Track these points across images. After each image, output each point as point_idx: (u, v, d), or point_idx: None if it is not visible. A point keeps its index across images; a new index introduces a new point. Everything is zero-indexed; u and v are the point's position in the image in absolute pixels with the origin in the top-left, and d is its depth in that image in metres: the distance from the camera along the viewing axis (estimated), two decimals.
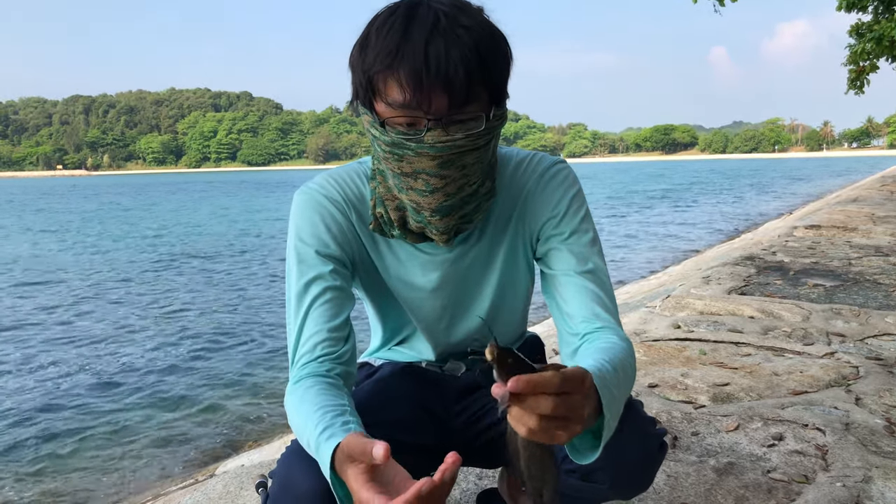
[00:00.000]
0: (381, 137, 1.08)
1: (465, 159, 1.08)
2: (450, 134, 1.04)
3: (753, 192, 29.40)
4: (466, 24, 1.02)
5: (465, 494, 1.92)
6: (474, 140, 1.07)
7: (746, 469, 2.02)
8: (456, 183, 1.10)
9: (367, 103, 1.09)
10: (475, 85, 1.03)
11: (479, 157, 1.10)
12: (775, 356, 3.21)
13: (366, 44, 1.06)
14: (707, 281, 5.22)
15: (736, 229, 14.81)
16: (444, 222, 1.15)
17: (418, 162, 1.07)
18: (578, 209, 1.25)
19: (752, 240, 8.98)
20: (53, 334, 7.33)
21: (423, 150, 1.05)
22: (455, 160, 1.07)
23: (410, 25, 1.01)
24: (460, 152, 1.07)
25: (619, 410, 0.96)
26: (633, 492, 1.20)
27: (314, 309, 1.18)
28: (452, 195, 1.11)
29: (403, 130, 1.06)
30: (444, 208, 1.12)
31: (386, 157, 1.10)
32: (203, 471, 3.71)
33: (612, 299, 1.22)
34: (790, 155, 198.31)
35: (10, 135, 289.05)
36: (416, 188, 1.10)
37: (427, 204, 1.12)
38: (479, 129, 1.06)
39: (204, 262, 13.29)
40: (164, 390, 5.34)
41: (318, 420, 1.00)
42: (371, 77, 1.05)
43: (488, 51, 1.04)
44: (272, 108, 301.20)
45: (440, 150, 1.05)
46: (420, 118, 1.04)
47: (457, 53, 1.00)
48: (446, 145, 1.05)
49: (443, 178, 1.08)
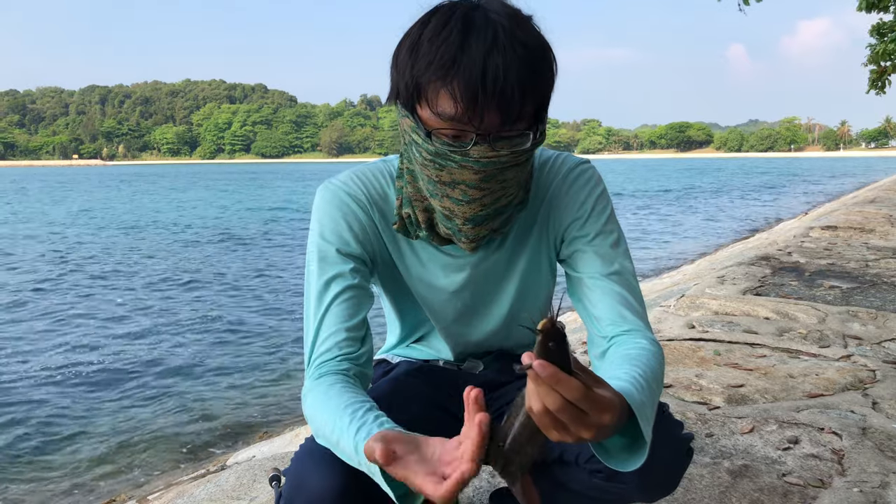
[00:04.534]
0: (423, 145, 1.06)
1: (507, 174, 1.08)
2: (496, 150, 1.03)
3: (768, 192, 29.19)
4: (523, 39, 1.01)
5: (479, 492, 1.92)
6: (517, 157, 1.06)
7: (761, 472, 2.00)
8: (494, 195, 1.10)
9: (410, 107, 1.07)
10: (527, 103, 1.02)
11: (519, 171, 1.10)
12: (791, 358, 3.18)
13: (416, 48, 1.03)
14: (722, 281, 5.18)
15: (750, 229, 14.71)
16: (476, 231, 1.14)
17: (459, 174, 1.06)
18: (603, 210, 1.24)
19: (767, 240, 8.91)
20: (65, 321, 7.39)
21: (467, 163, 1.04)
22: (497, 174, 1.06)
23: (468, 36, 0.99)
24: (503, 168, 1.06)
25: (651, 420, 0.97)
26: (658, 495, 1.19)
27: (333, 307, 1.17)
28: (488, 206, 1.11)
29: (449, 142, 1.04)
30: (478, 218, 1.12)
31: (425, 164, 1.08)
32: (214, 461, 3.73)
33: (640, 300, 1.21)
34: (806, 154, 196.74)
35: (27, 124, 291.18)
36: (452, 197, 1.09)
37: (462, 213, 1.11)
38: (526, 148, 1.06)
39: (229, 251, 13.39)
40: (175, 381, 5.37)
41: (350, 419, 0.99)
42: (420, 84, 1.02)
43: (541, 68, 1.03)
44: (286, 101, 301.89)
45: (485, 166, 1.04)
46: (468, 132, 1.03)
47: (514, 72, 0.99)
48: (491, 161, 1.04)
49: (482, 190, 1.08)
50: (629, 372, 1.00)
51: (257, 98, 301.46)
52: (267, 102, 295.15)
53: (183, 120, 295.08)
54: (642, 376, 1.00)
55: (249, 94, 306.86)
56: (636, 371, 1.01)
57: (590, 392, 0.80)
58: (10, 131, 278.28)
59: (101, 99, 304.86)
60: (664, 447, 1.11)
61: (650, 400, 0.97)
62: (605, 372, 1.08)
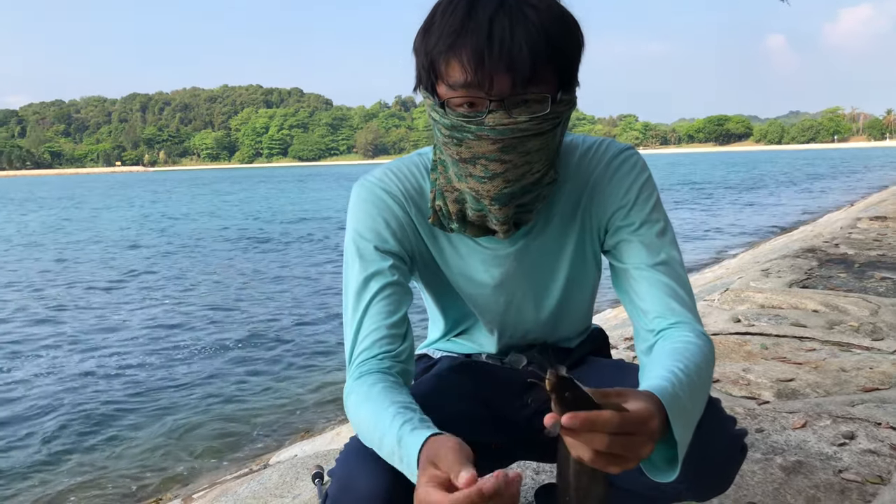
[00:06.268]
0: (440, 120, 1.04)
1: (528, 144, 1.03)
2: (512, 116, 0.99)
3: (811, 183, 28.52)
4: (534, 3, 0.98)
5: (523, 490, 1.89)
6: (538, 124, 1.01)
7: (816, 468, 1.93)
8: (518, 169, 1.05)
9: (430, 87, 1.05)
10: (541, 66, 0.98)
11: (543, 143, 1.04)
12: (842, 351, 3.08)
13: (430, 27, 1.02)
14: (766, 274, 5.06)
15: (793, 222, 14.37)
16: (503, 212, 1.10)
17: (478, 146, 1.02)
18: (648, 198, 1.19)
19: (811, 232, 8.69)
20: (112, 322, 7.54)
21: (483, 132, 1.01)
22: (517, 145, 1.02)
23: (475, 5, 0.98)
24: (523, 136, 1.01)
25: (693, 421, 0.93)
26: (710, 493, 1.14)
27: (373, 305, 1.15)
28: (513, 182, 1.06)
29: (464, 112, 1.01)
30: (503, 196, 1.07)
31: (446, 141, 1.06)
32: (257, 460, 3.75)
33: (689, 291, 1.15)
34: (850, 145, 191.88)
35: (72, 133, 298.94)
36: (475, 175, 1.06)
37: (486, 192, 1.07)
38: (544, 113, 1.01)
39: (274, 250, 13.54)
40: (219, 381, 5.43)
41: (394, 416, 0.98)
42: (434, 59, 1.01)
43: (557, 32, 0.99)
44: (322, 104, 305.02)
45: (501, 134, 1.00)
46: (482, 99, 1.00)
47: (522, 32, 0.96)
48: (508, 128, 1.00)
49: (503, 163, 1.03)
50: (669, 367, 0.96)
51: (293, 102, 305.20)
52: (303, 106, 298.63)
53: (221, 125, 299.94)
54: (682, 370, 0.95)
55: (286, 99, 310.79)
56: (677, 365, 0.97)
57: (626, 413, 0.77)
58: (57, 140, 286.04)
59: (142, 106, 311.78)
60: (716, 444, 1.07)
61: (689, 394, 0.93)
62: (648, 369, 1.04)
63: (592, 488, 0.82)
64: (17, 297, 9.33)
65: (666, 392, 0.88)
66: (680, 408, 0.88)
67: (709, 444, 1.03)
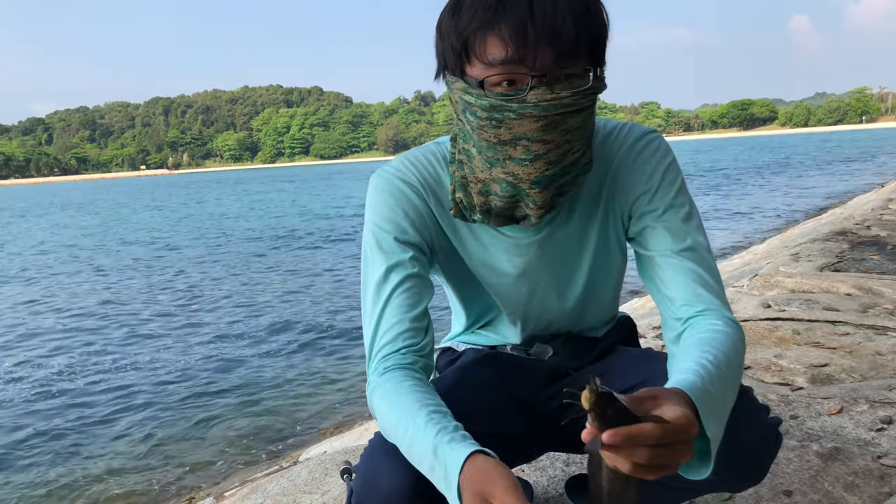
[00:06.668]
0: (477, 102, 1.00)
1: (570, 122, 1.00)
2: (555, 92, 0.96)
3: (839, 166, 28.03)
4: None
5: (553, 481, 1.87)
6: (580, 99, 0.98)
7: (854, 455, 1.88)
8: (559, 149, 1.01)
9: (460, 69, 1.02)
10: (581, 39, 0.96)
11: (582, 120, 1.01)
12: (877, 335, 3.01)
13: (458, 6, 0.99)
14: (796, 258, 4.97)
15: (821, 206, 14.13)
16: (543, 196, 1.06)
17: (519, 126, 0.98)
18: (673, 182, 1.15)
19: (841, 214, 8.53)
20: (142, 322, 7.63)
21: (525, 110, 0.97)
22: (559, 122, 0.98)
23: None
24: (565, 113, 0.98)
25: (725, 414, 0.91)
26: (744, 485, 1.11)
27: (394, 298, 1.12)
28: (555, 163, 1.02)
29: (503, 91, 0.98)
30: (545, 179, 1.04)
31: (482, 125, 1.02)
32: (287, 457, 3.77)
33: (716, 277, 1.12)
34: (879, 125, 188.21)
35: (97, 138, 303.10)
36: (515, 157, 1.02)
37: (527, 175, 1.03)
38: (586, 87, 0.98)
39: (300, 248, 13.64)
40: (249, 380, 5.47)
41: (427, 421, 0.96)
42: (466, 38, 0.98)
43: (594, 5, 0.97)
44: (342, 102, 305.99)
45: (545, 110, 0.96)
46: (523, 75, 0.97)
47: (565, 4, 0.94)
48: (551, 104, 0.96)
49: (546, 143, 1.00)
50: (698, 359, 0.94)
51: (313, 101, 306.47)
52: (323, 104, 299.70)
53: (243, 126, 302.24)
54: (712, 362, 0.93)
55: (306, 97, 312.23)
56: (706, 357, 0.94)
57: (666, 426, 0.75)
58: (83, 146, 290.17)
59: (165, 110, 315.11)
60: (749, 433, 1.04)
61: (719, 386, 0.91)
62: (677, 360, 1.01)
63: (626, 492, 0.80)
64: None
65: (695, 387, 0.86)
66: (711, 402, 0.86)
67: (742, 434, 1.00)
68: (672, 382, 0.89)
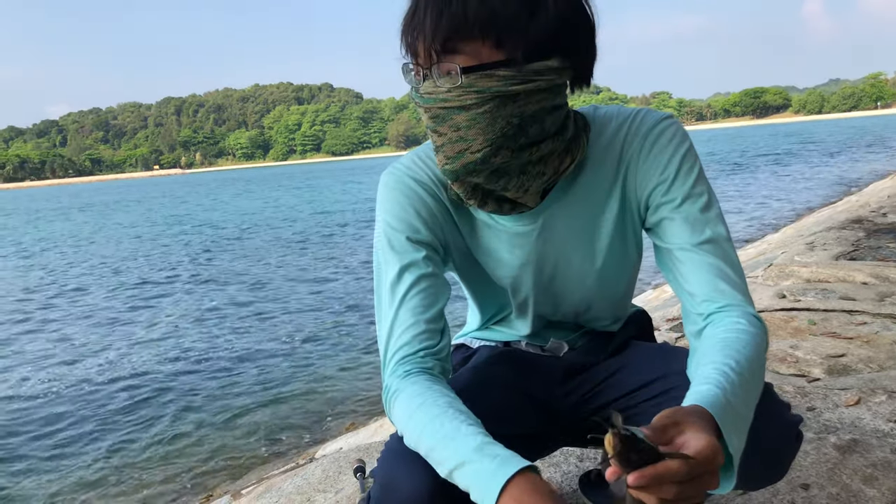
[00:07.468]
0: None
1: (456, 118, 0.99)
2: (437, 85, 0.99)
3: (853, 153, 27.73)
4: None
5: (567, 477, 1.86)
6: (459, 96, 0.97)
7: (873, 446, 1.86)
8: (453, 146, 1.02)
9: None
10: (466, 33, 0.94)
11: (472, 119, 0.99)
12: (895, 324, 2.98)
13: None
14: (811, 247, 4.93)
15: (836, 194, 13.99)
16: (460, 187, 1.11)
17: (423, 117, 1.05)
18: (690, 170, 1.11)
19: (857, 202, 8.45)
20: (160, 319, 7.69)
21: (418, 101, 1.03)
22: (444, 116, 1.00)
23: None
24: (447, 108, 0.99)
25: (747, 423, 0.90)
26: (763, 483, 1.09)
27: (409, 299, 1.10)
28: (452, 159, 1.03)
29: (412, 82, 1.04)
30: (448, 173, 1.06)
31: None
32: (303, 454, 3.79)
33: (737, 269, 1.09)
34: (895, 111, 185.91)
35: (111, 139, 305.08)
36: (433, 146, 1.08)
37: (439, 164, 1.06)
38: (459, 84, 0.97)
39: (318, 246, 13.72)
40: (264, 377, 5.50)
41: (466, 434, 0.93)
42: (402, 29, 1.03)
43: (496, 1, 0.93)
44: (353, 98, 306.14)
45: (427, 102, 1.01)
46: (418, 66, 1.01)
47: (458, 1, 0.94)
48: (431, 97, 1.00)
49: (439, 135, 1.03)
50: (720, 366, 0.92)
51: (324, 97, 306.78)
52: (334, 101, 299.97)
53: (255, 124, 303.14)
54: (734, 368, 0.91)
55: (316, 94, 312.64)
56: (728, 363, 0.92)
57: (692, 462, 0.74)
58: (97, 148, 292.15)
59: (177, 110, 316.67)
60: (770, 432, 1.02)
61: (742, 396, 0.89)
62: (698, 362, 0.99)
63: None
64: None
65: (718, 403, 0.84)
66: (734, 416, 0.85)
67: (762, 433, 0.98)
68: (693, 394, 0.88)
